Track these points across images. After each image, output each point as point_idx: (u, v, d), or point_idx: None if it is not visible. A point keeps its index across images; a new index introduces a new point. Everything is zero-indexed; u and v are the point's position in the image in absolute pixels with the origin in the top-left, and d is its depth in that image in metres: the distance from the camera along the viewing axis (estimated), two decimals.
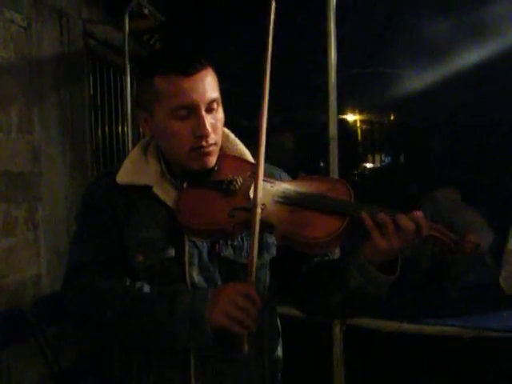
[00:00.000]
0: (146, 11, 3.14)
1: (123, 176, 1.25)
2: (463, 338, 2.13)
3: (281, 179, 1.28)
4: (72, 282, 1.23)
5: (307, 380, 2.50)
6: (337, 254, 1.66)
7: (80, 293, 1.21)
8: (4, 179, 2.62)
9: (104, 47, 3.60)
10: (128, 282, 1.18)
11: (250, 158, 1.32)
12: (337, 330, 2.30)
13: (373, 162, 4.21)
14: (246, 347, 1.08)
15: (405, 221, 1.07)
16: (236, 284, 1.11)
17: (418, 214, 1.09)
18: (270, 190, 1.17)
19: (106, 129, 3.74)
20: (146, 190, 1.23)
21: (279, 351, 1.36)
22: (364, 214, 1.08)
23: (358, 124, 4.08)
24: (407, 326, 2.23)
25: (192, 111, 1.17)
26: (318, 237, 1.09)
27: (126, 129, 3.60)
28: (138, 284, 1.19)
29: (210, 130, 1.18)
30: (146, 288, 1.17)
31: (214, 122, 1.20)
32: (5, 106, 2.64)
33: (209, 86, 1.18)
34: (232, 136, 1.34)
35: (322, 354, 2.36)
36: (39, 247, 2.90)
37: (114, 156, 3.78)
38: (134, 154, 1.30)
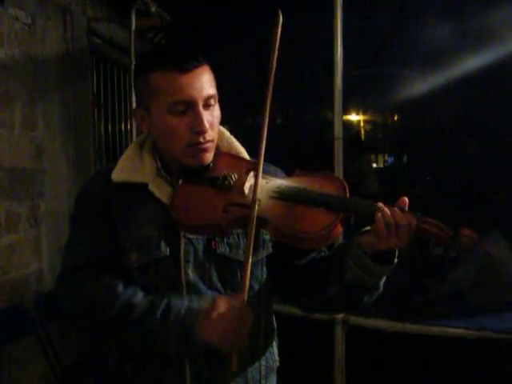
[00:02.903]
0: (152, 9, 3.13)
1: (118, 174, 1.25)
2: (466, 339, 2.13)
3: (276, 176, 1.28)
4: (64, 285, 1.24)
5: (308, 380, 2.49)
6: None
7: (73, 296, 1.21)
8: (7, 176, 2.63)
9: (108, 45, 3.61)
10: (120, 288, 1.18)
11: (246, 156, 1.32)
12: (338, 330, 2.30)
13: (376, 163, 4.21)
14: (234, 366, 1.08)
15: (398, 216, 1.08)
16: (229, 301, 1.11)
17: (402, 202, 1.11)
18: (264, 185, 1.18)
19: (109, 127, 3.73)
20: (142, 187, 1.23)
21: (275, 349, 1.36)
22: (379, 214, 1.09)
23: (362, 124, 4.08)
24: (410, 327, 2.22)
25: (189, 107, 1.17)
26: (311, 231, 1.10)
27: (129, 127, 3.60)
28: (131, 290, 1.18)
29: (207, 126, 1.17)
30: (140, 295, 1.17)
31: (211, 118, 1.20)
32: (8, 103, 2.64)
33: (206, 82, 1.18)
34: (227, 134, 1.34)
35: (323, 354, 2.35)
36: (41, 244, 2.90)
37: (117, 154, 3.77)
38: (129, 151, 1.30)
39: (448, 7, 3.09)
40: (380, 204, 1.11)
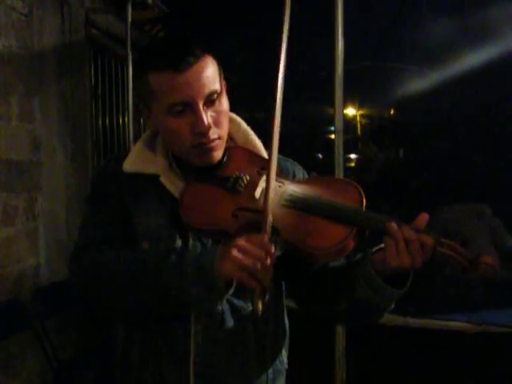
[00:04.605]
0: (149, 1, 3.10)
1: (130, 164, 1.23)
2: (468, 333, 2.13)
3: (293, 174, 1.25)
4: (77, 261, 1.21)
5: (309, 375, 2.49)
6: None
7: (88, 267, 1.18)
8: (4, 168, 2.60)
9: (106, 37, 3.57)
10: (131, 255, 1.16)
11: (262, 150, 1.26)
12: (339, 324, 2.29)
13: (372, 157, 4.21)
14: (260, 306, 0.98)
15: (411, 234, 1.02)
16: (248, 237, 1.02)
17: (421, 219, 1.06)
18: (277, 190, 1.11)
19: (107, 119, 3.71)
20: (154, 179, 1.21)
21: (284, 351, 1.32)
22: (392, 226, 1.03)
23: (358, 118, 4.07)
24: (412, 321, 2.22)
25: (188, 107, 1.12)
26: (321, 247, 1.04)
27: (126, 119, 3.57)
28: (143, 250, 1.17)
29: (209, 125, 1.12)
30: (152, 251, 1.15)
31: (216, 115, 1.14)
32: (5, 95, 2.61)
33: (206, 78, 1.12)
34: (244, 125, 1.29)
35: (323, 348, 2.35)
36: (38, 237, 2.87)
37: (114, 147, 3.76)
38: (141, 142, 1.27)
39: (448, 3, 3.09)
40: (392, 224, 1.03)
